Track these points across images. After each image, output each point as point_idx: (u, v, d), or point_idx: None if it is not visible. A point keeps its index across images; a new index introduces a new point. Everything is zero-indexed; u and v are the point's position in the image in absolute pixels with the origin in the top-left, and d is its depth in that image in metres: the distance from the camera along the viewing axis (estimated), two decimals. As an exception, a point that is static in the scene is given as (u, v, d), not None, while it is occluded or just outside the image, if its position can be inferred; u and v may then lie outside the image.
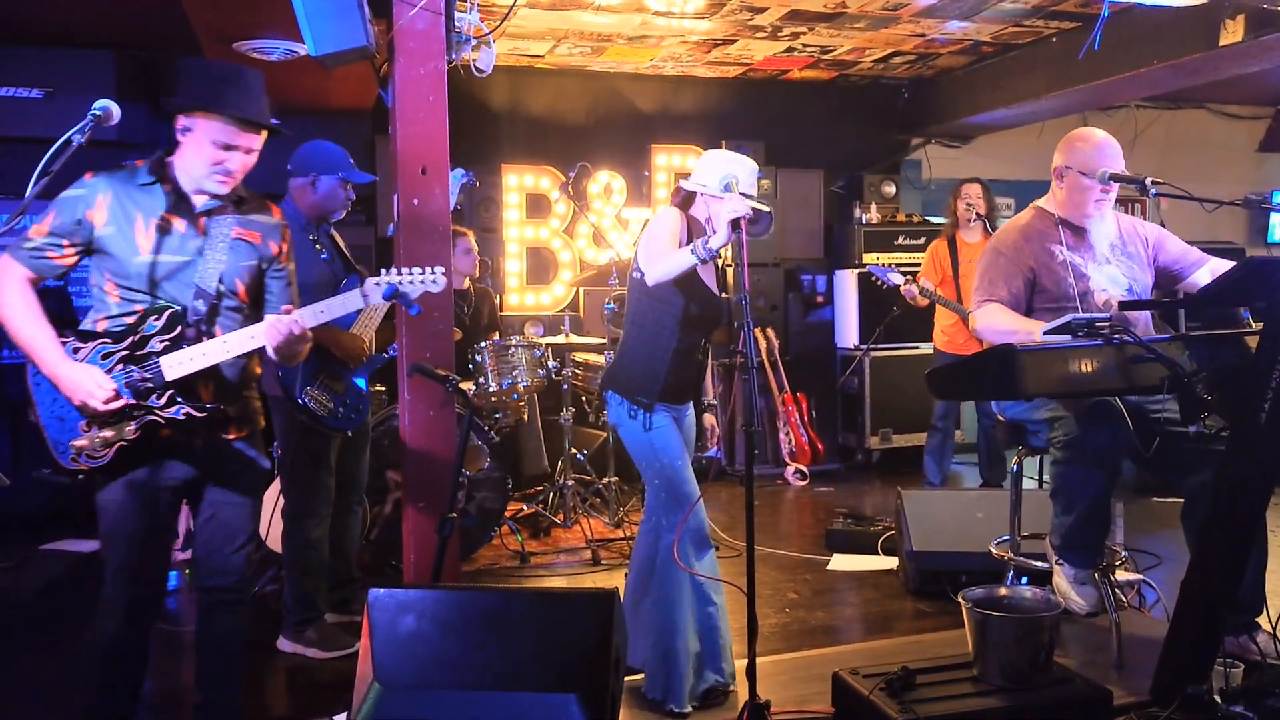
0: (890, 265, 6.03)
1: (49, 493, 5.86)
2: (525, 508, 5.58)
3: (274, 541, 4.33)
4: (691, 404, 3.34)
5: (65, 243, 2.53)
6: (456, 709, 2.19)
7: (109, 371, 2.52)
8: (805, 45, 6.47)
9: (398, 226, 3.23)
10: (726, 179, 3.07)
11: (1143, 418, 3.20)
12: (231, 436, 2.70)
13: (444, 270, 2.66)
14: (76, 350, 2.53)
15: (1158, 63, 5.47)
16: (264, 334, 2.54)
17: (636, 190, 7.11)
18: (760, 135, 7.24)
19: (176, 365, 2.51)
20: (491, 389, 4.94)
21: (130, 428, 2.53)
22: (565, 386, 5.56)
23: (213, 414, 2.59)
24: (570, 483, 5.49)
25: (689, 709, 3.09)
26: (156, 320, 2.53)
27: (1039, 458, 3.79)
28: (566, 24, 5.90)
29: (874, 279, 5.51)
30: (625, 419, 3.16)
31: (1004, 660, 2.87)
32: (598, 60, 6.78)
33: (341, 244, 4.00)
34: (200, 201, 2.60)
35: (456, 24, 3.19)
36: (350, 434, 3.84)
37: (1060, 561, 3.40)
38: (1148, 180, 3.18)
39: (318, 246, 3.81)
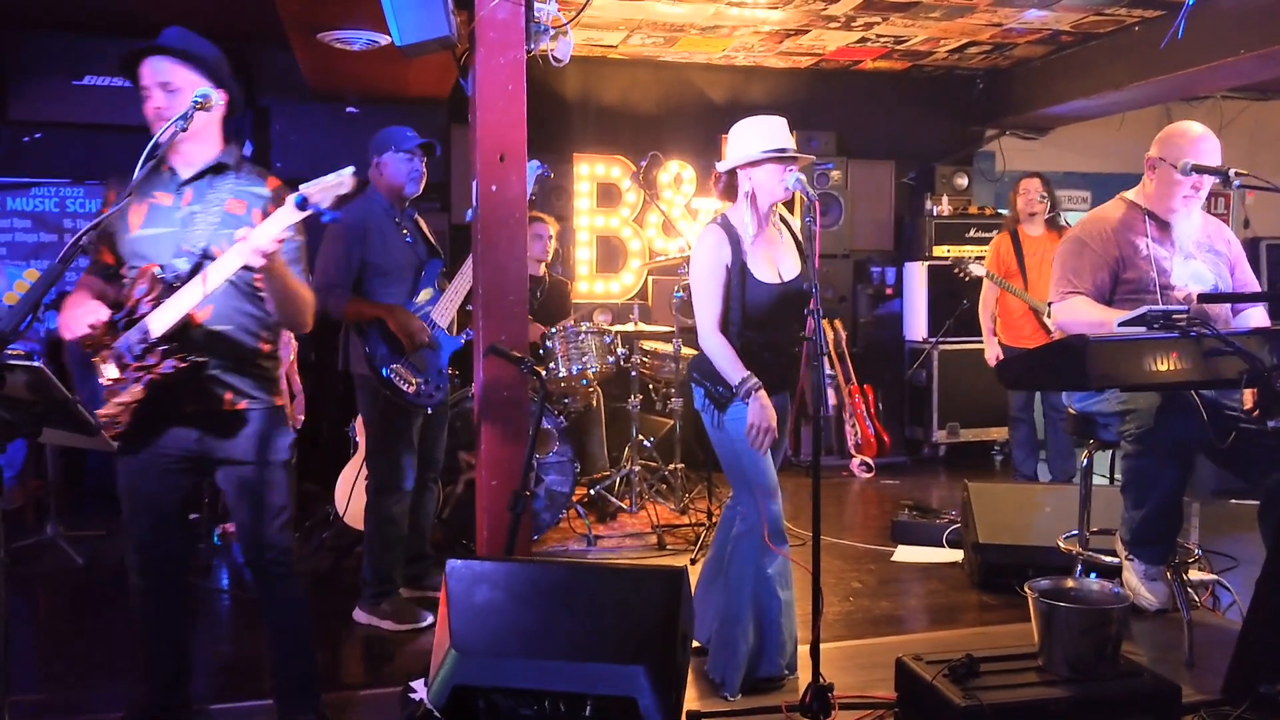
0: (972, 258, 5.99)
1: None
2: (592, 492, 5.67)
3: (351, 518, 4.48)
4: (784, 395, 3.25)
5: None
6: (529, 676, 2.27)
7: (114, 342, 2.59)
8: (879, 35, 6.42)
9: (476, 212, 3.32)
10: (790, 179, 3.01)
11: (1218, 413, 3.15)
12: (239, 408, 2.70)
13: (354, 170, 2.52)
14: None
15: (1245, 52, 5.33)
16: (236, 254, 2.49)
17: (706, 180, 7.13)
18: (831, 126, 7.22)
19: (159, 321, 2.56)
20: (561, 374, 5.03)
21: (137, 388, 2.57)
22: (633, 374, 5.63)
23: (198, 367, 2.61)
24: (637, 469, 5.56)
25: (738, 696, 3.13)
26: (143, 284, 2.60)
27: (1109, 452, 3.75)
28: (640, 14, 5.95)
29: (957, 270, 5.63)
30: (704, 408, 3.20)
31: (1070, 651, 2.85)
32: (670, 51, 6.82)
33: (425, 227, 4.14)
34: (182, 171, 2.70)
35: (535, 14, 3.26)
36: (430, 411, 3.96)
37: (1130, 557, 3.37)
38: (1231, 172, 3.13)
39: (403, 230, 3.95)
